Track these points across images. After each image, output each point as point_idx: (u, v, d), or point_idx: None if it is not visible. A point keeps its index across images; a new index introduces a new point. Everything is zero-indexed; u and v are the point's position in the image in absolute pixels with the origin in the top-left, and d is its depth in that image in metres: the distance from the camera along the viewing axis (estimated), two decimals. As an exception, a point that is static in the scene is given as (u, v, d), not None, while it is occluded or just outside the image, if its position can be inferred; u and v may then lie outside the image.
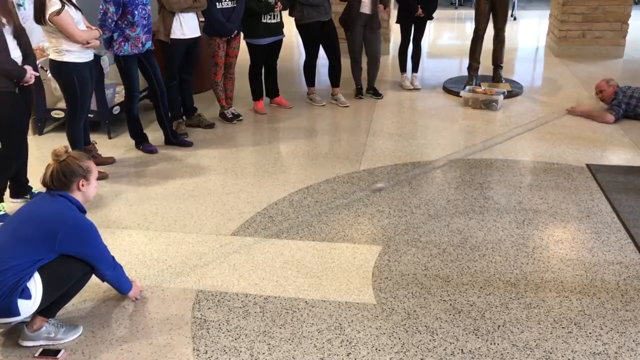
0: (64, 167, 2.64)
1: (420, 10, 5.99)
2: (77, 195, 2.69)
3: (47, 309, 2.64)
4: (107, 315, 2.87)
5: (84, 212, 2.71)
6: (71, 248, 2.59)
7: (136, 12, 4.35)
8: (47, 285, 2.55)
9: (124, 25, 4.36)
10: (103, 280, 2.82)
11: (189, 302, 2.96)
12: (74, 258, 2.62)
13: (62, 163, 2.65)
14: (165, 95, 4.85)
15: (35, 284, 2.52)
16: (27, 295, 2.50)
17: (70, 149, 2.73)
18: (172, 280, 3.15)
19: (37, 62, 4.88)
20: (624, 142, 4.91)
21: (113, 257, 2.79)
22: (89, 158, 2.79)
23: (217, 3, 5.03)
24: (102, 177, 4.29)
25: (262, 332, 2.73)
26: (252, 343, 2.66)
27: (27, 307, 2.52)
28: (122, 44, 4.41)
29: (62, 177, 2.63)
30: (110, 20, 4.29)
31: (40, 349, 2.63)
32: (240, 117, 5.63)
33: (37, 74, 3.76)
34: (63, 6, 3.82)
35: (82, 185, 2.68)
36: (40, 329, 2.65)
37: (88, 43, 4.02)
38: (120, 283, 2.88)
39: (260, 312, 2.88)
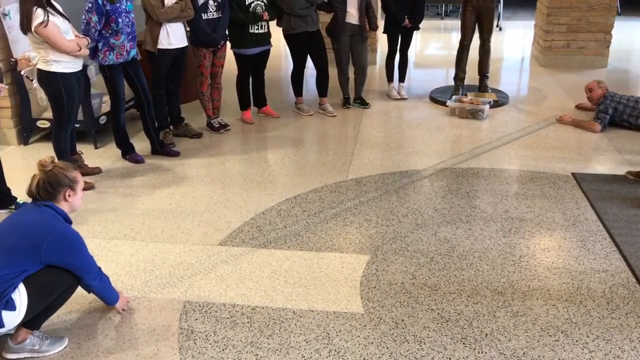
0: (50, 177, 2.62)
1: (407, 21, 6.04)
2: (63, 206, 2.68)
3: (32, 321, 2.61)
4: (93, 327, 2.84)
5: (70, 222, 2.69)
6: (57, 258, 2.57)
7: (120, 20, 4.34)
8: (32, 296, 2.52)
9: (108, 34, 4.35)
10: (89, 292, 2.80)
11: (176, 313, 2.93)
12: (59, 269, 2.60)
13: (48, 173, 2.63)
14: (152, 104, 4.84)
15: (20, 295, 2.49)
16: (11, 306, 2.46)
17: (56, 159, 2.71)
18: (159, 290, 3.12)
19: (22, 71, 4.88)
20: (608, 151, 4.97)
21: (99, 268, 2.77)
22: (75, 168, 2.77)
23: (203, 14, 5.04)
24: (88, 187, 4.26)
25: (249, 342, 2.72)
26: (240, 354, 2.65)
27: (11, 319, 2.49)
28: (107, 53, 4.40)
29: (49, 187, 2.62)
30: (93, 30, 4.28)
31: None
32: (228, 127, 5.62)
33: (6, 87, 3.72)
34: (48, 17, 3.80)
35: (69, 195, 2.67)
36: (25, 341, 2.61)
37: (80, 49, 4.00)
38: (106, 294, 2.85)
39: (248, 322, 2.86)
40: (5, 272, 2.46)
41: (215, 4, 5.10)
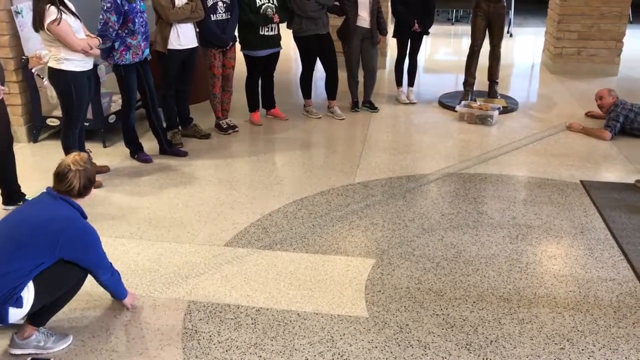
0: (91, 174, 2.70)
1: (416, 25, 6.03)
2: (79, 200, 2.71)
3: (38, 317, 2.63)
4: (98, 325, 2.85)
5: (85, 217, 2.72)
6: (72, 254, 2.58)
7: (136, 20, 4.37)
8: (39, 290, 2.52)
9: (124, 34, 4.37)
10: (100, 284, 2.82)
11: (181, 313, 2.94)
12: (68, 264, 2.60)
13: (89, 170, 2.70)
14: (156, 104, 4.85)
15: (29, 293, 2.50)
16: (19, 304, 2.48)
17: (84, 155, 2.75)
18: (164, 290, 3.13)
19: (34, 69, 4.91)
20: (618, 159, 4.94)
21: (111, 264, 2.80)
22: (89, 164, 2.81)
23: (211, 15, 5.05)
24: (96, 185, 4.26)
25: (253, 344, 2.72)
26: (243, 355, 2.64)
27: (16, 315, 2.51)
28: (124, 53, 4.42)
29: (87, 184, 2.68)
30: (111, 30, 4.29)
31: (29, 358, 2.61)
32: (237, 128, 5.63)
33: (5, 89, 3.77)
34: (61, 15, 3.82)
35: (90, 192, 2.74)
36: (30, 337, 2.62)
37: (91, 49, 4.02)
38: (117, 289, 2.89)
39: (252, 324, 2.86)
40: (20, 266, 2.45)
41: (224, 5, 5.11)
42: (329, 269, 3.32)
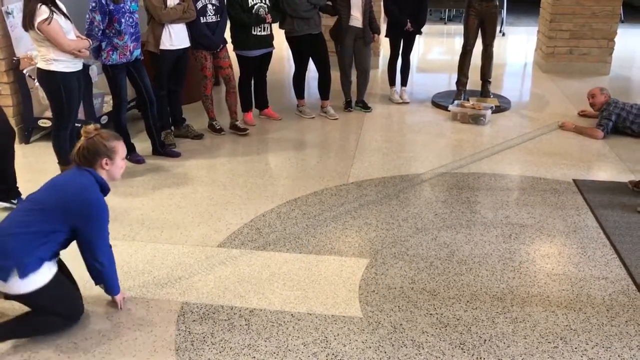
0: (90, 144, 2.73)
1: (409, 25, 6.03)
2: (102, 174, 2.77)
3: (5, 331, 2.66)
4: (90, 327, 2.83)
5: (108, 190, 2.79)
6: (79, 220, 2.65)
7: (123, 20, 4.34)
8: (49, 289, 2.63)
9: (111, 34, 4.35)
10: (96, 280, 2.83)
11: (174, 314, 2.92)
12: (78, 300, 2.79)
13: (89, 140, 2.73)
14: (155, 105, 4.83)
15: (41, 275, 2.59)
16: (24, 271, 2.54)
17: (100, 128, 2.80)
18: (157, 291, 3.11)
19: (25, 70, 4.88)
20: (610, 158, 4.96)
21: (111, 247, 2.83)
22: (118, 138, 2.84)
23: (201, 17, 5.03)
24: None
25: (247, 345, 2.71)
26: (237, 356, 2.64)
27: (13, 282, 2.54)
28: (110, 53, 4.40)
29: (87, 154, 2.72)
30: (97, 29, 4.28)
31: None
32: (247, 131, 5.57)
33: None
34: (52, 15, 3.80)
35: (106, 164, 2.76)
36: None
37: (79, 52, 4.01)
38: (112, 281, 2.89)
39: (246, 325, 2.85)
40: (37, 229, 2.58)
41: (214, 7, 5.10)
42: (322, 269, 3.32)
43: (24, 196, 3.98)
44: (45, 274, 2.62)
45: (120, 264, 3.37)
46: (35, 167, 4.77)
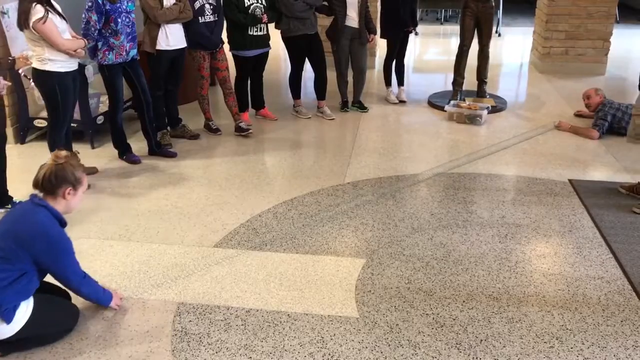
0: (58, 170, 2.63)
1: (410, 27, 6.06)
2: (60, 203, 2.67)
3: (6, 346, 2.63)
4: (86, 327, 2.82)
5: (64, 224, 2.69)
6: (45, 258, 2.58)
7: (119, 20, 4.33)
8: (38, 315, 2.59)
9: (107, 34, 4.34)
10: (82, 297, 2.82)
11: (170, 314, 2.92)
12: (71, 308, 2.76)
13: (58, 166, 2.63)
14: (151, 105, 4.82)
15: (26, 311, 2.56)
16: (7, 318, 2.51)
17: (71, 156, 2.72)
18: (153, 291, 3.11)
19: (21, 70, 4.87)
20: (605, 158, 4.97)
21: (85, 273, 2.78)
22: (84, 171, 2.77)
23: (199, 17, 5.03)
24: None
25: (243, 345, 2.71)
26: (234, 357, 2.63)
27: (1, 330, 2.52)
28: (107, 53, 4.39)
29: (53, 180, 2.61)
30: (93, 29, 4.27)
31: None
32: (250, 130, 5.54)
33: (8, 84, 3.72)
34: (47, 14, 3.79)
35: (68, 193, 2.66)
36: None
37: (75, 51, 4.00)
38: (97, 299, 2.87)
39: (242, 325, 2.85)
40: (3, 276, 2.49)
41: (212, 7, 5.09)
42: (319, 269, 3.32)
43: (16, 199, 3.97)
44: (25, 310, 2.58)
45: (116, 264, 3.37)
46: (31, 167, 4.74)
